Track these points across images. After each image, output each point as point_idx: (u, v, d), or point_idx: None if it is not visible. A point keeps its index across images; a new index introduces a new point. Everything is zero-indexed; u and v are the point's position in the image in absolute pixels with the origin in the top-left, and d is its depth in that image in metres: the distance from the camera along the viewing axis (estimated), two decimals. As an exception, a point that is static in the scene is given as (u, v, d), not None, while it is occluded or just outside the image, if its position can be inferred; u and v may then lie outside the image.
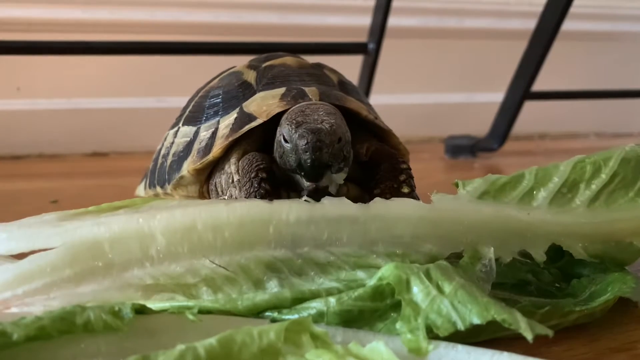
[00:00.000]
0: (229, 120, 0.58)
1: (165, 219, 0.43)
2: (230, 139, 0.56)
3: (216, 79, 0.66)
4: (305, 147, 0.46)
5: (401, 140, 0.61)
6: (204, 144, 0.58)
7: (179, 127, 0.65)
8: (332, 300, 0.39)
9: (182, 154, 0.61)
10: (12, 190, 1.05)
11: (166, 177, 0.63)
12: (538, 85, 1.42)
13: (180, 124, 0.65)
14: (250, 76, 0.62)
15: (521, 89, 1.39)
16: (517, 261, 0.46)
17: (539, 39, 1.33)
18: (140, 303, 0.37)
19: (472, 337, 0.38)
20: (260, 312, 0.40)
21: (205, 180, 0.61)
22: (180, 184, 0.61)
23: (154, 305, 0.40)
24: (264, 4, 1.60)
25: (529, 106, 1.45)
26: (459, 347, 0.36)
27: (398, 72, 1.67)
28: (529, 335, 0.35)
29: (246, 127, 0.55)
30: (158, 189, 0.65)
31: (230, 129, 0.56)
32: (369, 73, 1.32)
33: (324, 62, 0.67)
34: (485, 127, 1.49)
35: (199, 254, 0.42)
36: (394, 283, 0.38)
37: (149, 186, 0.68)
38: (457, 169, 1.34)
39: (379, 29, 1.28)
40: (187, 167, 0.59)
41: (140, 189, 0.74)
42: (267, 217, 0.43)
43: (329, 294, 0.40)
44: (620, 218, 0.48)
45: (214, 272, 0.42)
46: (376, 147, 0.57)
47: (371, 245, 0.44)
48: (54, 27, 1.40)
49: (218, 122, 0.59)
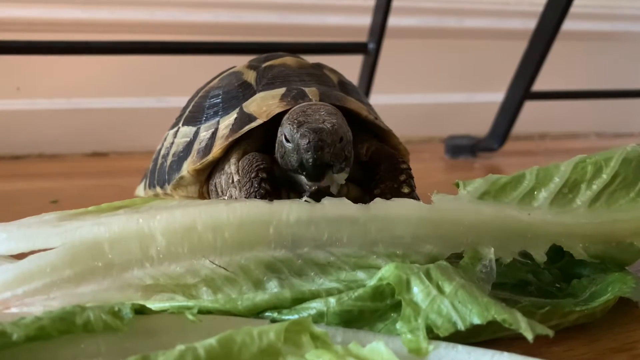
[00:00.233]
0: (229, 120, 0.58)
1: (165, 219, 0.43)
2: (230, 140, 0.56)
3: (216, 79, 0.66)
4: (307, 146, 0.46)
5: (401, 140, 0.61)
6: (203, 144, 0.58)
7: (178, 128, 0.65)
8: (332, 300, 0.39)
9: (182, 154, 0.61)
10: (12, 190, 1.05)
11: (166, 177, 0.62)
12: (538, 85, 1.42)
13: (180, 124, 0.65)
14: (250, 76, 0.62)
15: (521, 89, 1.39)
16: (518, 261, 0.46)
17: (539, 39, 1.33)
18: (140, 303, 0.37)
19: (473, 337, 0.38)
20: (260, 312, 0.40)
21: (205, 181, 0.61)
22: (180, 184, 0.61)
23: (154, 305, 0.40)
24: (264, 4, 1.59)
25: (529, 106, 1.45)
26: (459, 347, 0.36)
27: (398, 72, 1.67)
28: (530, 335, 0.35)
29: (246, 128, 0.55)
30: (158, 189, 0.65)
31: (230, 129, 0.56)
32: (369, 73, 1.32)
33: (324, 62, 0.67)
34: (485, 127, 1.49)
35: (199, 254, 0.42)
36: (394, 283, 0.38)
37: (149, 186, 0.68)
38: (457, 169, 1.34)
39: (379, 29, 1.28)
40: (187, 167, 0.58)
41: (140, 189, 0.74)
42: (267, 217, 0.43)
43: (329, 294, 0.40)
44: (621, 218, 0.48)
45: (213, 272, 0.42)
46: (376, 147, 0.57)
47: (371, 245, 0.44)
48: (54, 27, 1.40)
49: (218, 122, 0.59)
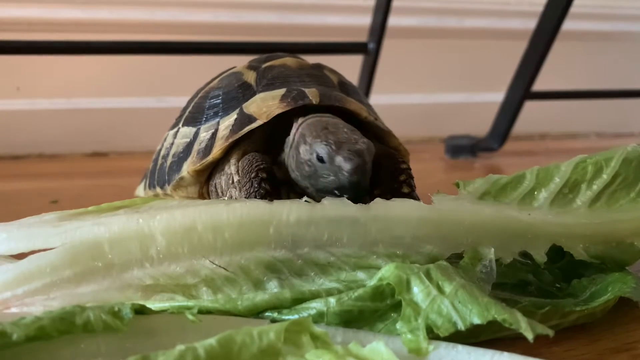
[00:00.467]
0: (228, 121, 0.58)
1: (165, 220, 0.43)
2: (230, 140, 0.55)
3: (216, 80, 0.66)
4: (353, 169, 0.45)
5: (401, 140, 0.61)
6: (203, 145, 0.58)
7: (178, 128, 0.65)
8: (332, 300, 0.39)
9: (182, 154, 0.61)
10: (12, 190, 1.05)
11: (166, 178, 0.62)
12: (538, 85, 1.42)
13: (180, 125, 0.65)
14: (250, 77, 0.62)
15: (521, 89, 1.39)
16: (518, 262, 0.46)
17: (539, 39, 1.33)
18: (140, 303, 0.37)
19: (473, 337, 0.38)
20: (260, 312, 0.40)
21: (205, 182, 0.61)
22: (180, 185, 0.61)
23: (154, 305, 0.40)
24: (264, 4, 1.59)
25: (529, 106, 1.45)
26: (460, 347, 0.36)
27: (398, 72, 1.67)
28: (530, 335, 0.35)
29: (246, 129, 0.55)
30: (158, 189, 0.65)
31: (230, 130, 0.56)
32: (369, 73, 1.32)
33: (324, 62, 0.67)
34: (485, 127, 1.49)
35: (199, 254, 0.42)
36: (394, 283, 0.38)
37: (149, 187, 0.68)
38: (457, 169, 1.34)
39: (379, 29, 1.28)
40: (187, 168, 0.58)
41: (140, 189, 0.74)
42: (267, 217, 0.43)
43: (329, 294, 0.40)
44: (622, 219, 0.48)
45: (213, 272, 0.42)
46: (376, 148, 0.57)
47: (371, 246, 0.44)
48: (54, 27, 1.40)
49: (218, 123, 0.59)
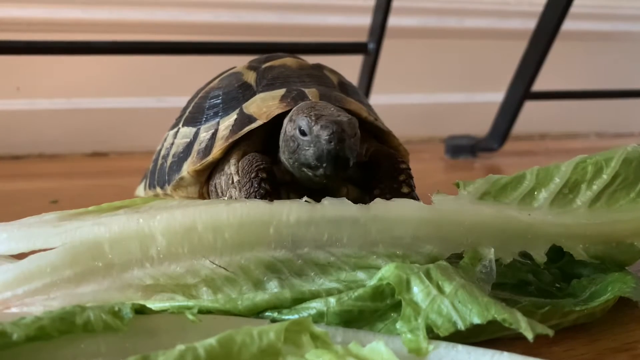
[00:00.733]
0: (228, 121, 0.58)
1: (165, 220, 0.43)
2: (230, 141, 0.55)
3: (216, 80, 0.66)
4: (330, 137, 0.46)
5: (401, 140, 0.61)
6: (203, 145, 0.58)
7: (178, 128, 0.65)
8: (332, 300, 0.39)
9: (182, 155, 0.61)
10: (12, 190, 1.05)
11: (166, 178, 0.62)
12: (538, 85, 1.42)
13: (180, 125, 0.65)
14: (250, 77, 0.62)
15: (521, 89, 1.39)
16: (518, 262, 0.46)
17: (539, 39, 1.33)
18: (140, 303, 0.37)
19: (473, 337, 0.38)
20: (260, 312, 0.40)
21: (205, 182, 0.61)
22: (180, 185, 0.61)
23: (154, 305, 0.40)
24: (264, 4, 1.59)
25: (529, 106, 1.45)
26: (459, 347, 0.36)
27: (398, 72, 1.67)
28: (530, 335, 0.35)
29: (246, 129, 0.55)
30: (158, 189, 0.65)
31: (230, 130, 0.56)
32: (369, 73, 1.32)
33: (324, 62, 0.67)
34: (485, 127, 1.49)
35: (199, 254, 0.42)
36: (394, 283, 0.38)
37: (149, 187, 0.68)
38: (457, 169, 1.34)
39: (379, 29, 1.28)
40: (187, 168, 0.58)
41: (140, 189, 0.74)
42: (267, 217, 0.43)
43: (329, 294, 0.40)
44: (622, 219, 0.48)
45: (214, 272, 0.42)
46: (376, 148, 0.58)
47: (371, 246, 0.44)
48: (54, 27, 1.40)
49: (218, 123, 0.59)
